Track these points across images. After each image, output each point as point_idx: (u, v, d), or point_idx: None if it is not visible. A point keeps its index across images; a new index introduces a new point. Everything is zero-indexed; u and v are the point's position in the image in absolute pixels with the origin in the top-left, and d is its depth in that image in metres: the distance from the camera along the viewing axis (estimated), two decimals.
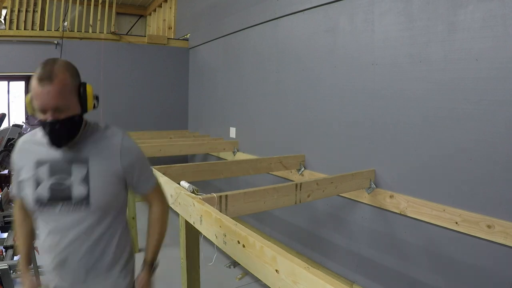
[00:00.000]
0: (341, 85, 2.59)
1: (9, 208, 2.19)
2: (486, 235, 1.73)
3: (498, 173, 1.71)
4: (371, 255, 2.41)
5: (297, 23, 3.01)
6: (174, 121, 5.45)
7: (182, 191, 1.70)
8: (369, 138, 2.38)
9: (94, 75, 4.81)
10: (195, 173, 2.55)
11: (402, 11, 2.13)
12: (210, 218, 1.43)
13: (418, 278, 2.11)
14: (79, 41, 4.75)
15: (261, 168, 2.82)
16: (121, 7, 7.05)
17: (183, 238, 1.78)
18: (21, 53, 4.48)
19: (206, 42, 4.74)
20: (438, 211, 1.94)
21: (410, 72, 2.10)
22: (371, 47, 2.34)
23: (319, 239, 2.88)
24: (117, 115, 4.99)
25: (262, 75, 3.51)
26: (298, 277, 0.99)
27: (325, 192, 2.12)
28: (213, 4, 4.52)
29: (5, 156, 2.73)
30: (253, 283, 2.93)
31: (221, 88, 4.39)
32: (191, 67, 5.39)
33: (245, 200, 1.74)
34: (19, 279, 2.76)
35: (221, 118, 4.38)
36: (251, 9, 3.61)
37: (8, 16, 4.81)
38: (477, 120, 1.79)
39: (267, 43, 3.41)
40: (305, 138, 2.96)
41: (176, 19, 5.95)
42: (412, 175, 2.11)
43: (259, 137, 3.59)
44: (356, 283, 2.52)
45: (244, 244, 1.22)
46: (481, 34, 1.75)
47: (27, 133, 1.30)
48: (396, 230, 2.22)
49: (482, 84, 1.76)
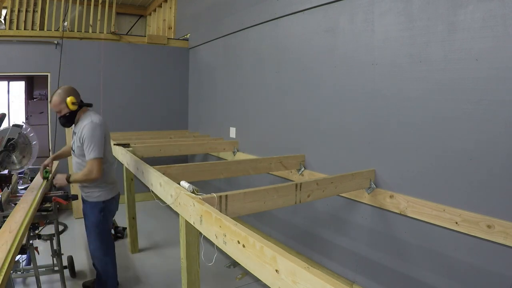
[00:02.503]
0: (341, 85, 2.59)
1: (9, 208, 2.19)
2: (486, 235, 1.74)
3: (498, 173, 1.71)
4: (371, 255, 2.41)
5: (297, 23, 3.01)
6: (174, 121, 5.45)
7: (182, 191, 1.70)
8: (369, 138, 2.38)
9: (94, 75, 4.82)
10: (195, 173, 2.55)
11: (402, 11, 2.13)
12: (210, 218, 1.43)
13: (418, 278, 2.11)
14: (79, 41, 4.75)
15: (261, 168, 2.82)
16: (121, 7, 7.05)
17: (183, 238, 1.78)
18: (21, 53, 4.48)
19: (206, 42, 4.74)
20: (438, 211, 1.94)
21: (410, 72, 2.10)
22: (371, 47, 2.34)
23: (319, 239, 2.88)
24: (117, 115, 4.99)
25: (262, 75, 3.51)
26: (298, 277, 0.99)
27: (325, 192, 2.12)
28: (213, 4, 4.52)
29: (5, 156, 2.73)
30: (253, 283, 2.93)
31: (221, 88, 4.39)
32: (191, 67, 5.39)
33: (245, 200, 1.74)
34: (18, 279, 2.77)
35: (221, 118, 4.38)
36: (251, 9, 3.61)
37: (8, 16, 4.80)
38: (477, 120, 1.79)
39: (267, 43, 3.41)
40: (305, 138, 2.96)
41: (176, 19, 5.95)
42: (412, 175, 2.11)
43: (259, 137, 3.60)
44: (356, 283, 2.53)
45: (244, 244, 1.22)
46: (481, 34, 1.75)
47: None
48: (396, 230, 2.23)
49: (482, 84, 1.76)
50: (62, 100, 2.30)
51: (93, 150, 2.23)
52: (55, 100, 2.30)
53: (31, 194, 2.37)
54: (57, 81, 4.56)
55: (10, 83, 6.18)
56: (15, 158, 2.80)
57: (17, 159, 2.82)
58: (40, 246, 3.05)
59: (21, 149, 2.83)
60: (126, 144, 3.28)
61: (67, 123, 2.40)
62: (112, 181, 2.50)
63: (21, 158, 2.84)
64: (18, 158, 2.82)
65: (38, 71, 4.68)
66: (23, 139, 2.82)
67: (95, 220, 2.43)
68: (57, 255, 2.64)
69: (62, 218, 4.29)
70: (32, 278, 2.50)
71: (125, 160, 2.95)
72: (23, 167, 2.86)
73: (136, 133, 4.87)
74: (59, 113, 2.35)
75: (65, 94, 2.30)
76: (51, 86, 4.61)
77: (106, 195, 2.44)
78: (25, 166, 2.86)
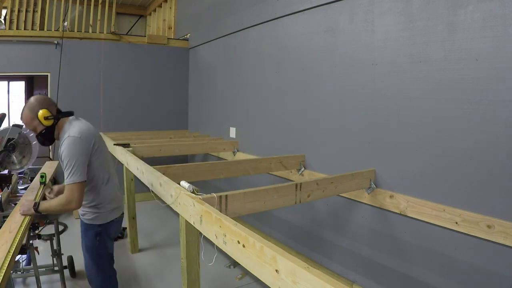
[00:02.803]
0: (341, 85, 2.59)
1: (9, 208, 2.19)
2: (486, 235, 1.73)
3: (498, 173, 1.71)
4: (371, 255, 2.41)
5: (297, 23, 3.01)
6: (174, 121, 5.45)
7: (182, 191, 1.70)
8: (369, 138, 2.38)
9: (94, 75, 4.82)
10: (195, 173, 2.55)
11: (402, 11, 2.13)
12: (210, 218, 1.43)
13: (418, 278, 2.11)
14: (79, 41, 4.75)
15: (261, 168, 2.82)
16: (121, 7, 7.06)
17: (183, 238, 1.77)
18: (21, 53, 4.49)
19: (206, 42, 4.74)
20: (438, 211, 1.94)
21: (410, 72, 2.10)
22: (371, 47, 2.34)
23: (319, 239, 2.88)
24: (117, 115, 5.00)
25: (262, 75, 3.51)
26: (298, 277, 0.99)
27: (325, 192, 2.12)
28: (213, 4, 4.52)
29: (5, 156, 2.73)
30: (253, 283, 2.93)
31: (221, 88, 4.39)
32: (191, 67, 5.39)
33: (245, 200, 1.73)
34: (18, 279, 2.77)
35: (221, 118, 4.38)
36: (251, 9, 3.61)
37: (8, 16, 4.80)
38: (477, 120, 1.79)
39: (267, 43, 3.41)
40: (305, 138, 2.96)
41: (176, 19, 5.95)
42: (412, 175, 2.11)
43: (259, 137, 3.59)
44: (356, 283, 2.52)
45: (244, 244, 1.21)
46: (481, 34, 1.75)
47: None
48: (396, 230, 2.22)
49: (482, 84, 1.76)
50: (34, 116, 1.87)
51: (73, 173, 1.77)
52: (26, 116, 1.88)
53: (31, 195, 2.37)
54: (57, 81, 4.57)
55: (10, 83, 6.18)
56: (15, 158, 2.80)
57: (17, 159, 2.82)
58: (40, 246, 3.05)
59: (21, 149, 2.82)
60: (126, 144, 3.28)
61: (47, 141, 1.96)
62: (111, 200, 2.03)
63: (21, 158, 2.84)
64: (18, 158, 2.82)
65: (38, 71, 4.68)
66: (23, 139, 2.82)
67: (90, 244, 2.02)
68: (57, 255, 2.64)
69: (62, 218, 4.29)
70: (32, 278, 2.50)
71: (125, 160, 2.95)
72: (23, 167, 2.85)
73: (136, 133, 4.87)
74: (34, 131, 1.94)
75: (38, 106, 1.87)
76: (51, 86, 4.61)
77: (104, 217, 2.00)
78: (25, 166, 2.86)
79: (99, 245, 2.03)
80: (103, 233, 2.02)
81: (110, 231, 2.08)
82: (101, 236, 2.02)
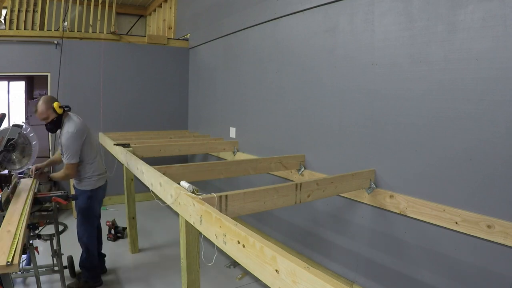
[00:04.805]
0: (341, 85, 2.59)
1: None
2: (486, 235, 1.74)
3: (498, 173, 1.71)
4: (371, 255, 2.41)
5: (297, 23, 3.01)
6: (174, 121, 5.45)
7: (182, 191, 1.70)
8: (369, 138, 2.38)
9: (94, 75, 4.82)
10: (195, 173, 2.55)
11: (402, 11, 2.13)
12: (210, 218, 1.43)
13: (418, 278, 2.11)
14: (79, 41, 4.75)
15: (261, 168, 2.82)
16: (121, 7, 7.05)
17: (183, 238, 1.78)
18: (21, 53, 4.49)
19: (206, 42, 4.74)
20: (438, 211, 1.94)
21: (410, 72, 2.10)
22: (371, 47, 2.34)
23: (319, 239, 2.88)
24: (117, 115, 5.00)
25: (262, 75, 3.51)
26: (298, 277, 0.99)
27: (325, 192, 2.12)
28: (213, 4, 4.52)
29: (5, 156, 2.73)
30: (253, 283, 2.93)
31: (221, 88, 4.39)
32: (191, 67, 5.39)
33: (245, 200, 1.73)
34: (18, 279, 2.77)
35: (221, 118, 4.38)
36: (251, 9, 3.61)
37: (8, 16, 4.80)
38: (477, 120, 1.79)
39: (267, 43, 3.41)
40: (305, 138, 2.96)
41: (176, 19, 5.94)
42: (412, 175, 2.11)
43: (259, 137, 3.59)
44: (356, 283, 2.52)
45: (244, 244, 1.21)
46: (481, 34, 1.75)
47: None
48: (396, 230, 2.23)
49: (482, 84, 1.76)
50: (49, 106, 2.53)
51: (69, 157, 2.58)
52: (42, 107, 2.52)
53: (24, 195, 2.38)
54: (57, 81, 4.57)
55: (10, 83, 6.18)
56: (15, 158, 2.80)
57: (17, 159, 2.82)
58: (40, 246, 3.05)
59: (21, 149, 2.82)
60: (126, 144, 3.28)
61: (55, 128, 2.64)
62: (99, 172, 2.78)
63: (21, 158, 2.84)
64: (18, 158, 2.82)
65: (38, 71, 4.68)
66: (23, 139, 2.82)
67: (83, 206, 2.74)
68: (57, 255, 2.64)
69: (62, 218, 4.29)
70: (32, 278, 2.50)
71: (125, 160, 2.95)
72: (23, 167, 2.86)
73: (136, 133, 4.87)
74: (46, 120, 2.57)
75: (50, 100, 2.56)
76: (51, 86, 4.61)
77: (94, 184, 2.76)
78: (25, 166, 2.86)
79: (90, 206, 2.76)
80: (93, 197, 2.76)
81: (98, 195, 2.83)
82: (91, 199, 2.75)
